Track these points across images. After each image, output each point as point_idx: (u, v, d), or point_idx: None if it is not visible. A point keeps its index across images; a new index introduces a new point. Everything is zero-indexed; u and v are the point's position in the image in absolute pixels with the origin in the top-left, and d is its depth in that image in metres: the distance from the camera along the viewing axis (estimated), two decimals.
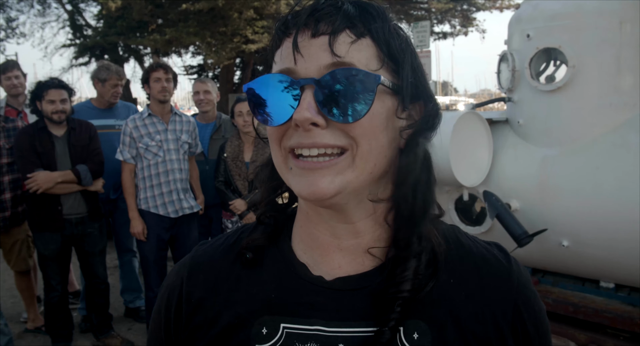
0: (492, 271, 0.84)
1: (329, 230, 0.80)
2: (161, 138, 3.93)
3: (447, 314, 0.78)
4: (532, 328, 0.83)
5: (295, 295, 0.80)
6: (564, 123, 3.05)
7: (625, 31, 2.85)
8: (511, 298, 0.82)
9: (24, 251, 4.33)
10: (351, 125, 0.69)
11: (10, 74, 4.47)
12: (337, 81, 0.68)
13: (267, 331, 0.78)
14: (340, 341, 0.76)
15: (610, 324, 2.95)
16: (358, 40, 0.70)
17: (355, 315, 0.77)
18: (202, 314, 0.84)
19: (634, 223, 2.75)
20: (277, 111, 0.72)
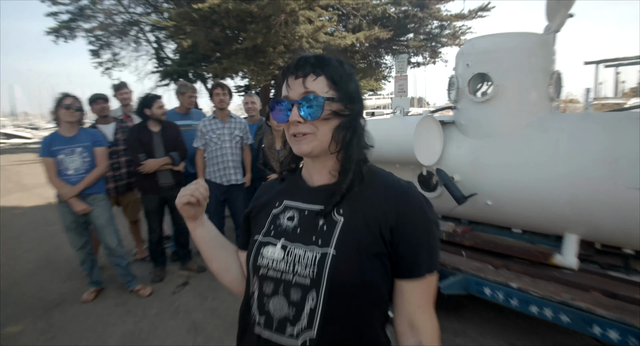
0: (392, 188, 0.95)
1: (312, 167, 1.01)
2: (220, 133, 4.11)
3: (360, 206, 0.92)
4: (410, 222, 0.91)
5: (294, 190, 1.03)
6: (490, 123, 3.05)
7: (532, 61, 2.87)
8: (399, 202, 0.92)
9: (135, 207, 4.50)
10: (312, 121, 0.91)
11: (123, 91, 4.59)
12: (306, 100, 0.90)
13: (278, 204, 1.02)
14: (305, 210, 0.97)
15: (516, 255, 3.00)
16: (317, 78, 0.91)
17: (316, 201, 0.97)
18: (259, 200, 1.09)
19: (535, 189, 2.81)
20: (282, 116, 0.93)
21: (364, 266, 0.87)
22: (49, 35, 16.41)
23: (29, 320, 3.42)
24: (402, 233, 0.90)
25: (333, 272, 0.86)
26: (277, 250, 0.92)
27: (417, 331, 0.91)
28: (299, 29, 11.39)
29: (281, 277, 0.90)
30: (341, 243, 0.88)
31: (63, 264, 4.76)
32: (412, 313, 0.92)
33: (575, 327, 2.35)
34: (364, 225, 0.90)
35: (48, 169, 3.37)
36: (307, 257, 0.88)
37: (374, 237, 0.89)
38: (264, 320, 0.92)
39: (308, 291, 0.87)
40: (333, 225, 0.90)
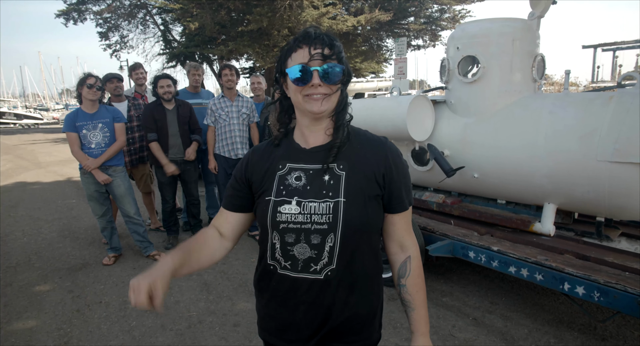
0: (375, 143, 1.11)
1: (310, 129, 1.10)
2: (228, 110, 4.28)
3: (356, 159, 1.07)
4: (395, 168, 1.09)
5: (293, 153, 1.11)
6: (478, 102, 3.19)
7: (516, 45, 2.99)
8: (384, 153, 1.09)
9: (147, 179, 4.72)
10: (330, 85, 1.02)
11: (138, 71, 4.73)
12: (329, 67, 1.01)
13: (281, 167, 1.10)
14: (310, 170, 1.07)
15: (500, 223, 3.19)
16: (330, 51, 1.01)
17: (317, 160, 1.08)
18: (257, 165, 1.14)
19: (517, 163, 2.97)
20: (301, 80, 1.01)
21: (368, 207, 1.05)
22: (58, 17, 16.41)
23: (57, 280, 3.69)
24: (391, 177, 1.08)
25: (346, 215, 1.02)
26: (293, 207, 1.04)
27: (406, 249, 1.14)
28: (303, 14, 11.37)
29: (301, 227, 1.03)
30: (348, 192, 1.04)
31: (83, 233, 5.02)
32: (401, 237, 1.14)
33: (548, 284, 2.57)
34: (362, 174, 1.06)
35: (72, 143, 3.57)
36: (321, 207, 1.02)
37: (371, 183, 1.06)
38: (290, 264, 1.06)
39: (327, 235, 1.02)
40: (337, 178, 1.05)
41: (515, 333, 2.72)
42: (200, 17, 12.24)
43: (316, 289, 1.05)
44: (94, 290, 3.48)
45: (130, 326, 2.91)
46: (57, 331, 2.86)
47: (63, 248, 4.50)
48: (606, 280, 2.32)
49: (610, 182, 2.59)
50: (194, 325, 2.90)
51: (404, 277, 1.13)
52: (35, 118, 33.87)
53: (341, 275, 1.05)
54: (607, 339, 2.64)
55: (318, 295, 1.05)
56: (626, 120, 2.51)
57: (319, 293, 1.05)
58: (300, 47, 1.01)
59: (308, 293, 1.06)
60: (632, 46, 18.10)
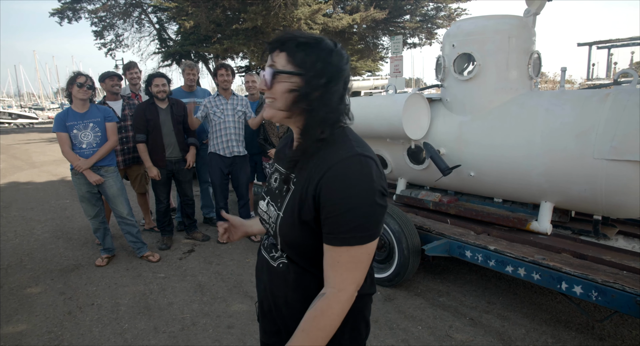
0: (324, 159, 0.95)
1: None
2: (223, 108, 4.23)
3: (303, 175, 0.98)
4: (327, 194, 0.91)
5: (282, 153, 1.16)
6: (473, 100, 3.16)
7: (512, 43, 2.96)
8: (321, 175, 0.93)
9: (142, 180, 4.65)
10: (270, 89, 0.98)
11: (132, 71, 4.66)
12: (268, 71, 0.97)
13: (274, 165, 1.19)
14: (282, 174, 1.06)
15: (496, 222, 3.17)
16: (279, 53, 0.96)
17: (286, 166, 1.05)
18: (274, 158, 1.23)
19: (514, 161, 2.95)
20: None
21: (299, 229, 0.98)
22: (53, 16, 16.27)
23: (48, 281, 3.63)
24: (324, 204, 0.92)
25: (281, 230, 1.02)
26: (264, 204, 1.13)
27: (327, 284, 0.96)
28: (297, 12, 11.32)
29: (266, 223, 1.12)
30: (286, 208, 1.00)
31: (76, 234, 4.95)
32: (326, 270, 0.96)
33: (545, 284, 2.54)
34: (299, 193, 0.97)
35: (62, 143, 3.51)
36: (272, 214, 1.06)
37: (305, 204, 0.95)
38: (264, 244, 1.20)
39: (276, 237, 1.07)
40: (287, 191, 1.02)
41: (513, 333, 2.69)
42: (196, 15, 12.16)
43: (268, 273, 1.13)
44: (86, 291, 3.43)
45: (123, 328, 2.86)
46: (47, 334, 2.81)
47: (56, 249, 4.44)
48: (604, 279, 2.29)
49: (607, 180, 2.57)
50: (187, 327, 2.85)
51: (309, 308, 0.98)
52: (30, 118, 33.64)
53: (286, 272, 1.07)
54: (605, 339, 2.61)
55: (268, 279, 1.13)
56: (623, 117, 2.48)
57: (269, 277, 1.13)
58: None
59: (263, 272, 1.17)
60: (626, 44, 18.15)
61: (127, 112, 4.34)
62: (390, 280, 3.23)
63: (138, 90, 4.75)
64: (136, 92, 4.74)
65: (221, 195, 4.36)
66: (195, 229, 4.61)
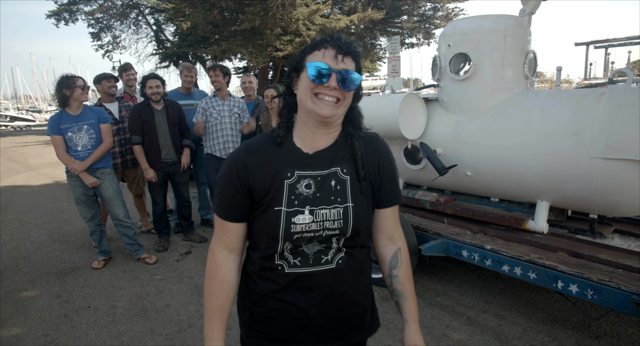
0: (370, 143, 1.13)
1: (312, 131, 1.07)
2: (220, 109, 4.23)
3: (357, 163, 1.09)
4: (387, 165, 1.14)
5: (298, 159, 1.07)
6: (470, 100, 3.16)
7: (507, 42, 2.96)
8: (378, 152, 1.13)
9: (140, 182, 4.64)
10: (345, 91, 1.02)
11: (128, 72, 4.66)
12: (348, 73, 1.00)
13: (289, 175, 1.05)
14: (318, 176, 1.06)
15: (493, 221, 3.17)
16: (352, 60, 1.02)
17: (322, 166, 1.07)
18: (257, 169, 1.06)
19: (510, 160, 2.94)
20: (319, 78, 0.99)
21: (371, 206, 1.13)
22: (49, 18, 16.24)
23: (45, 284, 3.62)
24: (384, 174, 1.13)
25: (356, 220, 1.07)
26: (306, 216, 1.03)
27: (396, 241, 1.20)
28: (295, 12, 11.33)
29: (314, 235, 1.05)
30: (354, 196, 1.08)
31: (73, 237, 4.94)
32: (391, 230, 1.19)
33: (541, 283, 2.54)
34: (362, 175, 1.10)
35: (57, 146, 3.50)
36: (332, 213, 1.05)
37: (370, 183, 1.12)
38: (300, 260, 1.07)
39: (338, 237, 1.08)
40: (343, 183, 1.08)
41: (510, 332, 2.69)
42: (193, 16, 12.15)
43: (330, 279, 1.08)
44: (82, 294, 3.42)
45: (119, 331, 2.85)
46: (43, 337, 2.80)
47: (52, 252, 4.43)
48: (599, 277, 2.30)
49: (602, 179, 2.57)
50: (184, 329, 2.85)
51: (396, 268, 1.18)
52: (28, 120, 33.59)
53: (350, 263, 1.10)
54: (601, 337, 2.62)
55: (332, 284, 1.09)
56: (618, 116, 2.48)
57: (332, 282, 1.09)
58: (326, 47, 1.01)
59: (322, 284, 1.08)
60: (623, 43, 18.20)
61: (124, 114, 4.33)
62: None
63: (134, 92, 4.75)
64: (131, 94, 4.74)
65: None
66: (193, 231, 4.61)
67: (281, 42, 12.86)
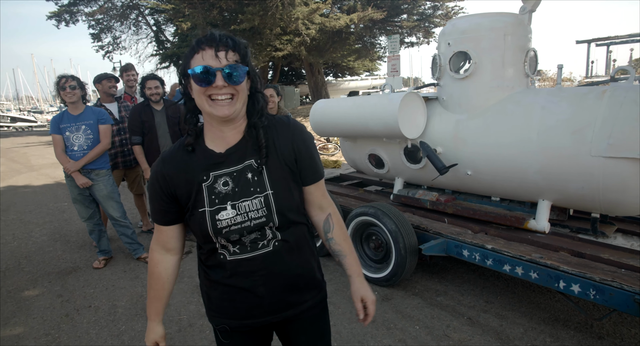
0: (281, 128, 1.17)
1: (220, 130, 1.12)
2: None
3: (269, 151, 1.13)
4: (303, 146, 1.17)
5: (211, 161, 1.13)
6: (470, 98, 3.14)
7: (507, 40, 2.94)
8: (291, 136, 1.16)
9: (140, 181, 4.64)
10: (234, 86, 1.04)
11: (129, 72, 4.66)
12: (231, 68, 1.02)
13: (205, 177, 1.12)
14: (233, 172, 1.12)
15: (494, 221, 3.15)
16: (234, 53, 1.04)
17: (235, 162, 1.13)
18: (175, 178, 1.13)
19: (510, 159, 2.92)
20: (204, 81, 1.02)
21: (293, 190, 1.17)
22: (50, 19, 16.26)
23: (46, 284, 3.62)
24: (302, 157, 1.18)
25: (279, 202, 1.13)
26: (229, 211, 1.11)
27: (325, 209, 1.28)
28: (294, 11, 11.31)
29: (242, 226, 1.12)
30: (273, 184, 1.13)
31: (74, 237, 4.94)
32: (319, 201, 1.27)
33: (543, 282, 2.52)
34: (280, 164, 1.15)
35: (56, 145, 3.51)
36: (254, 203, 1.11)
37: (288, 167, 1.16)
38: (238, 248, 1.15)
39: (267, 224, 1.13)
40: (259, 173, 1.13)
41: (511, 332, 2.68)
42: (193, 17, 12.15)
43: (269, 260, 1.16)
44: (83, 294, 3.42)
45: (120, 330, 2.85)
46: (44, 336, 2.80)
47: (53, 252, 4.43)
48: (602, 277, 2.28)
49: (604, 178, 2.55)
50: (184, 328, 2.84)
51: (329, 231, 1.28)
52: (29, 121, 33.63)
53: (286, 243, 1.18)
54: (603, 337, 2.60)
55: (272, 265, 1.16)
56: (620, 114, 2.46)
57: (272, 263, 1.16)
58: (203, 48, 1.03)
59: (263, 266, 1.16)
60: (625, 41, 18.10)
61: (124, 114, 4.32)
62: (388, 279, 3.22)
63: (134, 93, 4.74)
64: (132, 94, 4.73)
65: None
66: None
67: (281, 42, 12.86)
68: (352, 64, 19.79)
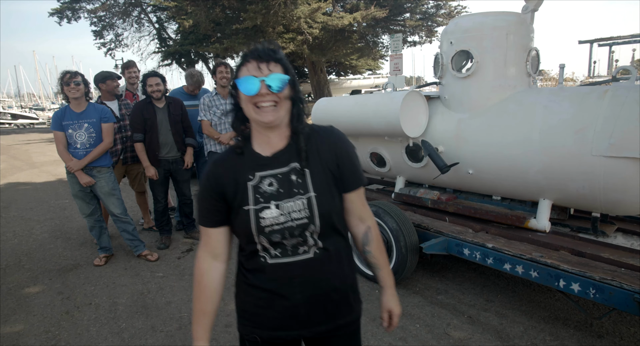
0: (325, 135, 1.23)
1: (266, 135, 1.19)
2: (223, 109, 4.22)
3: (313, 156, 1.20)
4: (345, 153, 1.23)
5: (258, 162, 1.19)
6: (471, 97, 3.14)
7: (510, 39, 2.93)
8: (334, 143, 1.23)
9: (142, 179, 4.64)
10: (277, 93, 1.11)
11: (131, 69, 4.64)
12: (274, 77, 1.10)
13: (251, 177, 1.18)
14: (278, 174, 1.18)
15: (494, 220, 3.15)
16: (277, 64, 1.13)
17: (280, 164, 1.19)
18: (225, 177, 1.20)
19: (512, 158, 2.92)
20: (250, 90, 1.10)
21: (335, 195, 1.22)
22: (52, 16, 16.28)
23: (47, 281, 3.63)
24: (344, 164, 1.22)
25: (322, 205, 1.17)
26: (273, 211, 1.15)
27: (365, 220, 1.31)
28: (297, 10, 11.30)
29: (284, 226, 1.15)
30: (316, 186, 1.18)
31: (75, 234, 4.96)
32: (360, 211, 1.30)
33: (543, 281, 2.53)
34: (322, 168, 1.20)
35: (58, 142, 3.51)
36: (297, 204, 1.16)
37: (330, 172, 1.21)
38: (280, 251, 1.18)
39: (308, 226, 1.17)
40: (303, 176, 1.18)
41: (511, 331, 2.68)
42: (195, 14, 12.15)
43: (309, 267, 1.18)
44: (84, 291, 3.43)
45: (120, 328, 2.86)
46: (45, 334, 2.81)
47: (54, 249, 4.45)
48: (602, 276, 2.28)
49: (605, 177, 2.55)
50: (185, 326, 2.86)
51: (367, 244, 1.31)
52: (31, 118, 33.70)
53: (327, 252, 1.20)
54: (603, 336, 2.60)
55: (311, 272, 1.19)
56: (621, 114, 2.46)
57: (311, 270, 1.19)
58: (249, 61, 1.12)
59: (302, 273, 1.18)
60: (628, 41, 18.06)
61: (125, 112, 4.33)
62: None
63: (136, 90, 4.74)
64: (134, 92, 4.73)
65: None
66: (194, 228, 4.61)
67: (283, 40, 12.85)
68: (354, 62, 19.78)
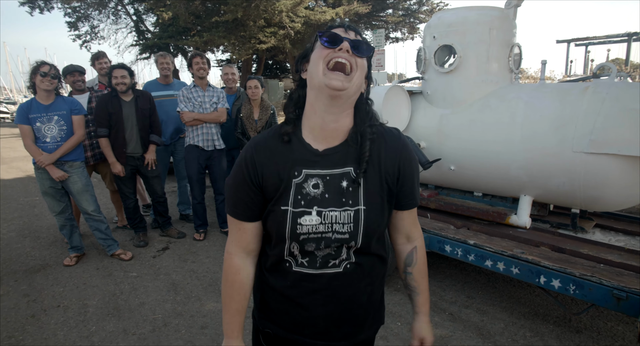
0: (391, 139, 1.06)
1: (321, 118, 1.00)
2: (201, 101, 4.08)
3: (372, 161, 1.03)
4: (408, 166, 1.07)
5: (306, 157, 1.03)
6: (454, 93, 3.13)
7: (493, 34, 2.93)
8: (399, 152, 1.06)
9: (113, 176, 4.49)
10: (358, 57, 0.96)
11: (101, 60, 4.45)
12: (360, 42, 0.97)
13: (297, 173, 1.02)
14: (327, 175, 1.02)
15: (476, 216, 3.16)
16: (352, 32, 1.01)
17: (332, 165, 1.02)
18: (267, 168, 1.03)
19: (494, 154, 2.93)
20: (333, 43, 0.95)
21: (385, 211, 1.07)
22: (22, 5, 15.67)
23: (12, 283, 3.45)
24: (405, 179, 1.08)
25: (367, 223, 1.02)
26: (314, 217, 1.00)
27: (412, 240, 1.20)
28: (278, 4, 11.15)
29: (322, 236, 1.02)
30: (367, 199, 1.03)
31: (45, 233, 4.76)
32: (409, 230, 1.18)
33: (524, 278, 2.52)
34: (379, 180, 1.05)
35: (24, 136, 3.33)
36: (342, 216, 1.01)
37: (387, 185, 1.06)
38: (307, 261, 1.05)
39: (348, 241, 1.03)
40: (356, 185, 1.02)
41: (492, 327, 2.68)
42: (174, 6, 11.87)
43: (336, 282, 1.06)
44: (52, 293, 3.28)
45: (90, 331, 2.73)
46: (7, 339, 2.66)
47: (22, 249, 4.25)
48: (581, 272, 2.28)
49: (585, 173, 2.56)
50: (158, 328, 2.75)
51: (410, 266, 1.20)
52: (1, 112, 32.50)
53: (358, 268, 1.08)
54: (582, 331, 2.62)
55: (338, 287, 1.07)
56: (601, 110, 2.47)
57: (338, 285, 1.07)
58: (336, 27, 1.01)
59: (328, 287, 1.06)
60: (603, 41, 18.50)
61: (94, 105, 4.15)
62: None
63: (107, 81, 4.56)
64: (105, 83, 4.55)
65: (198, 190, 4.24)
66: (170, 226, 4.47)
67: (264, 34, 12.68)
68: None
